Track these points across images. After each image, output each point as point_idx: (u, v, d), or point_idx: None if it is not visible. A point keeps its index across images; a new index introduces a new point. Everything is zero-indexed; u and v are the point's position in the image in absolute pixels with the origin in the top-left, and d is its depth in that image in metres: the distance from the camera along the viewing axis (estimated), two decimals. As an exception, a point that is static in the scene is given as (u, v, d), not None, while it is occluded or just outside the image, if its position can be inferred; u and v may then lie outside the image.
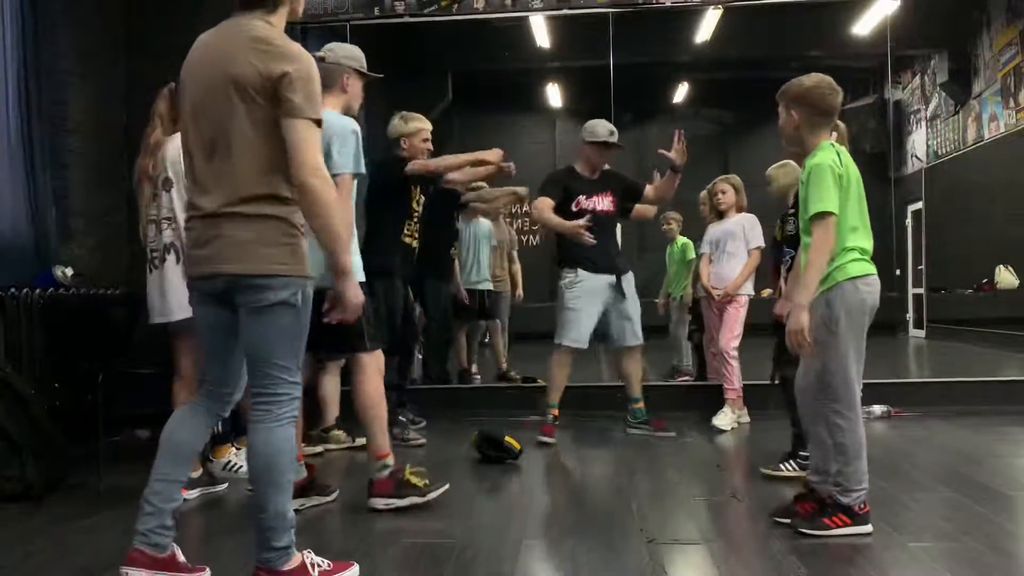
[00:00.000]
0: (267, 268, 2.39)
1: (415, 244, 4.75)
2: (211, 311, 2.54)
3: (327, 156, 3.13)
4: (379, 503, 3.52)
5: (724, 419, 5.32)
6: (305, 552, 2.59)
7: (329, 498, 3.68)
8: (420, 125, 4.76)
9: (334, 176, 2.96)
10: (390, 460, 3.56)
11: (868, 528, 3.07)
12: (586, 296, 5.00)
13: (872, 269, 3.09)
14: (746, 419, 5.45)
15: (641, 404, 5.20)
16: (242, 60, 2.39)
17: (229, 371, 2.59)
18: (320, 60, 3.34)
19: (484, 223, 6.94)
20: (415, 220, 4.72)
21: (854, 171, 3.08)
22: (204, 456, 4.10)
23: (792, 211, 4.01)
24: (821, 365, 3.08)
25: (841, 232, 3.02)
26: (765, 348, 4.28)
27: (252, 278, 2.40)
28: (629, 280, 5.15)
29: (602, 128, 5.12)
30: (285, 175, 2.41)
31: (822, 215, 2.96)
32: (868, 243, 3.10)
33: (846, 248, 3.04)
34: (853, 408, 3.06)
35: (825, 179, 2.97)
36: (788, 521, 3.16)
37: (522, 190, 5.93)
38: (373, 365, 3.58)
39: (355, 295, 2.55)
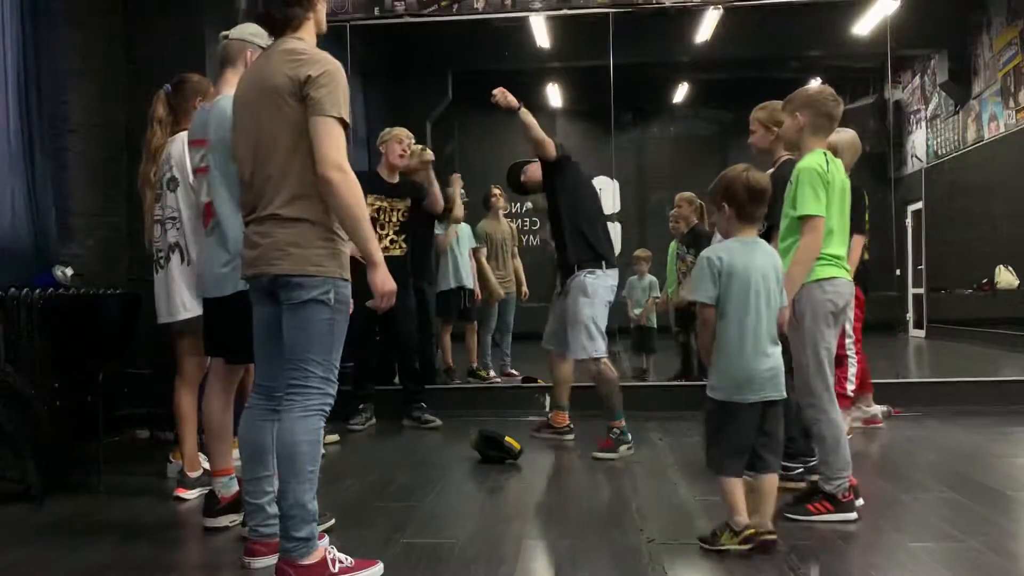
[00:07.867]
0: (303, 268, 2.55)
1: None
2: (262, 309, 2.71)
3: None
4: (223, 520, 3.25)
5: None
6: (328, 547, 2.62)
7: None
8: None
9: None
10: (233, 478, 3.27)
11: (852, 515, 3.18)
12: None
13: (839, 273, 3.26)
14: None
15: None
16: (278, 72, 2.59)
17: (275, 368, 2.66)
18: (224, 38, 3.39)
19: (464, 225, 7.05)
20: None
21: (840, 178, 3.26)
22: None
23: None
24: (795, 362, 3.23)
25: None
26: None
27: (290, 277, 2.55)
28: (573, 282, 4.65)
29: None
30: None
31: (811, 218, 3.15)
32: (842, 249, 3.29)
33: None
34: (828, 400, 3.19)
35: (813, 182, 3.16)
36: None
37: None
38: (230, 379, 3.29)
39: (383, 283, 2.60)
